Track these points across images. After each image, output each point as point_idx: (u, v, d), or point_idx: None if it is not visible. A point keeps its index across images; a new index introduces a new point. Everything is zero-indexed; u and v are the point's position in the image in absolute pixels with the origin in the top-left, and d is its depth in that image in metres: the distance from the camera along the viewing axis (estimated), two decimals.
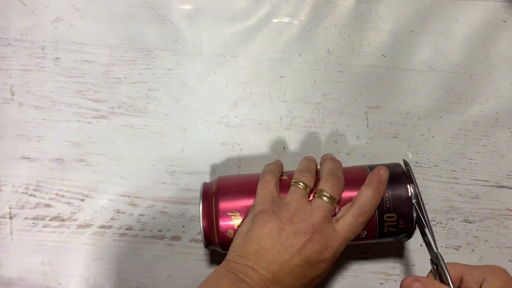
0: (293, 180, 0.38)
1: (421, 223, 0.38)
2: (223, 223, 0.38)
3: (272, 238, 0.35)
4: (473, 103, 0.47)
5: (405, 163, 0.40)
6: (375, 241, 0.39)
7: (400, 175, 0.39)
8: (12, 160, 0.47)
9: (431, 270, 0.36)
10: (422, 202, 0.38)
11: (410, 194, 0.38)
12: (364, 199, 0.37)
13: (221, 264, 0.36)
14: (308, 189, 0.37)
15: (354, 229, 0.36)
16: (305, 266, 0.35)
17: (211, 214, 0.38)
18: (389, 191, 0.38)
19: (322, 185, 0.37)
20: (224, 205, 0.38)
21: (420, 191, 0.46)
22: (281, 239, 0.35)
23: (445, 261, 0.35)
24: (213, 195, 0.39)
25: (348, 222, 0.36)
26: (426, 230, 0.37)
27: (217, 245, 0.38)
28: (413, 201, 0.38)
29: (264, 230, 0.35)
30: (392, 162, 0.40)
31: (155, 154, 0.47)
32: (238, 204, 0.38)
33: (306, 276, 0.35)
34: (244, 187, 0.39)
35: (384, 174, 0.38)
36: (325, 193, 0.36)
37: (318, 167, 0.40)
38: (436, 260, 0.35)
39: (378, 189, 0.37)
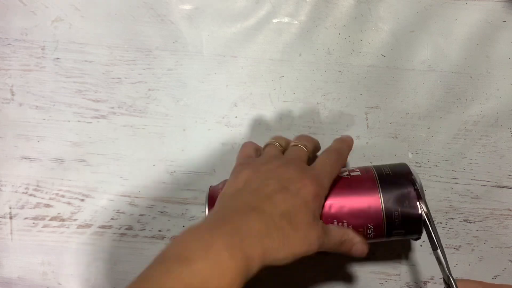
0: (267, 142, 0.40)
1: (433, 244, 0.37)
2: None
3: (248, 178, 0.35)
4: (473, 103, 0.47)
5: (414, 180, 0.38)
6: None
7: (411, 192, 0.38)
8: (12, 160, 0.47)
9: None
10: (433, 222, 0.37)
11: (421, 215, 0.37)
12: (332, 145, 0.40)
13: None
14: (282, 148, 0.39)
15: (328, 165, 0.36)
16: (284, 192, 0.33)
17: None
18: (399, 211, 0.37)
19: (295, 140, 0.39)
20: None
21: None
22: (256, 177, 0.34)
23: (459, 278, 0.34)
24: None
25: (320, 158, 0.37)
26: (438, 252, 0.36)
27: None
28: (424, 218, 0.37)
29: (240, 176, 0.35)
30: (401, 173, 0.39)
31: (155, 154, 0.47)
32: None
33: (287, 202, 0.32)
34: None
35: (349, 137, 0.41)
36: (298, 143, 0.38)
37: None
38: (448, 282, 0.35)
39: (344, 140, 0.40)
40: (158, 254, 0.29)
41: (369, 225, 0.37)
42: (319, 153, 0.41)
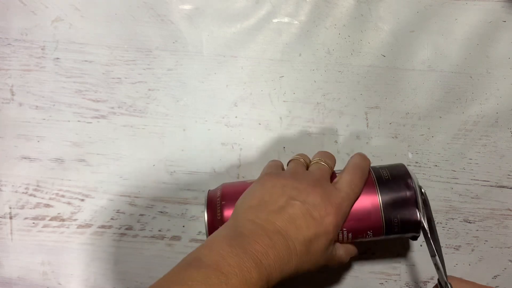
0: (292, 158, 0.40)
1: (431, 250, 0.37)
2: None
3: (274, 192, 0.35)
4: (473, 103, 0.47)
5: (420, 189, 0.38)
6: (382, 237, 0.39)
7: (410, 198, 0.38)
8: (12, 160, 0.47)
9: None
10: (435, 227, 0.38)
11: (420, 221, 0.38)
12: (353, 161, 0.39)
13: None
14: (306, 163, 0.39)
15: (353, 184, 0.37)
16: (308, 218, 0.34)
17: (216, 222, 0.38)
18: (398, 218, 0.37)
19: (316, 156, 0.40)
20: (229, 212, 0.38)
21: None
22: (283, 192, 0.35)
23: (451, 275, 0.35)
24: (218, 203, 0.38)
25: (345, 178, 0.37)
26: (436, 258, 0.37)
27: None
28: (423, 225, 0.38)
29: (266, 186, 0.35)
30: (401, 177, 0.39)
31: (155, 154, 0.47)
32: None
33: (310, 229, 0.34)
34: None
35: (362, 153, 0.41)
36: (320, 160, 0.39)
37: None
38: (444, 285, 0.35)
39: (362, 155, 0.40)
40: (193, 256, 0.31)
41: (368, 231, 0.38)
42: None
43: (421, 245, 0.46)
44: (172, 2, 0.48)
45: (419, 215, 0.37)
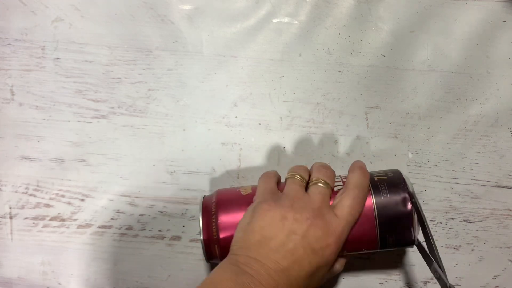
0: (289, 174, 0.39)
1: (429, 260, 0.37)
2: (223, 236, 0.37)
3: (274, 226, 0.34)
4: (473, 103, 0.47)
5: (411, 195, 0.38)
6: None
7: (407, 218, 0.37)
8: (12, 160, 0.47)
9: None
10: (432, 237, 0.38)
11: (414, 240, 0.38)
12: (355, 180, 0.37)
13: (224, 259, 0.36)
14: (304, 181, 0.38)
15: (353, 210, 0.36)
16: (310, 253, 0.34)
17: (211, 228, 0.38)
18: (394, 238, 0.38)
19: (315, 174, 0.38)
20: (224, 218, 0.38)
21: (421, 192, 0.46)
22: (283, 226, 0.34)
23: (458, 276, 0.35)
24: (213, 209, 0.38)
25: (346, 203, 0.36)
26: (435, 266, 0.37)
27: (219, 258, 0.38)
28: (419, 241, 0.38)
29: (265, 219, 0.35)
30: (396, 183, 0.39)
31: (155, 154, 0.47)
32: (239, 216, 0.37)
33: (312, 264, 0.34)
34: (244, 199, 0.39)
35: (362, 163, 0.40)
36: (319, 179, 0.37)
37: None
38: None
39: (363, 171, 0.38)
40: None
41: (363, 249, 0.38)
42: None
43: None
44: (172, 2, 0.48)
45: (413, 234, 0.37)
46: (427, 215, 0.46)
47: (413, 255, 0.46)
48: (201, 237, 0.38)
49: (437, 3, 0.48)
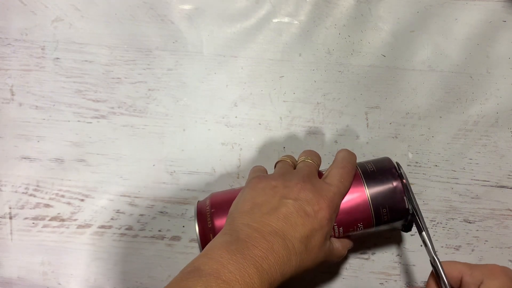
0: (278, 159, 0.41)
1: (419, 228, 0.38)
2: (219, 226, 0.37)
3: (266, 194, 0.35)
4: (473, 103, 0.47)
5: (398, 166, 0.39)
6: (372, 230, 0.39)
7: (397, 187, 0.38)
8: (12, 160, 0.47)
9: (431, 272, 0.36)
10: (417, 205, 0.38)
11: (406, 205, 0.38)
12: (341, 155, 0.39)
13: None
14: (292, 163, 0.39)
15: (342, 178, 0.37)
16: (302, 214, 0.34)
17: (207, 232, 0.38)
18: (387, 208, 0.38)
19: (301, 155, 0.40)
20: (219, 222, 0.38)
21: (421, 192, 0.46)
22: (274, 193, 0.35)
23: (446, 260, 0.35)
24: (207, 213, 0.38)
25: (335, 172, 0.37)
26: (424, 234, 0.37)
27: None
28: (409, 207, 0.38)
29: (256, 189, 0.36)
30: (383, 162, 0.40)
31: (155, 154, 0.47)
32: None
33: (306, 226, 0.34)
34: (237, 192, 0.39)
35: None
36: (307, 158, 0.39)
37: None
38: (434, 263, 0.35)
39: (349, 150, 0.40)
40: (192, 266, 0.31)
41: (359, 224, 0.38)
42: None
43: (421, 245, 0.46)
44: (172, 2, 0.48)
45: (406, 202, 0.38)
46: (427, 215, 0.46)
47: (413, 255, 0.46)
48: (199, 242, 0.38)
49: (437, 3, 0.48)
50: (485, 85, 0.47)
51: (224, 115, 0.47)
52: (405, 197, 0.38)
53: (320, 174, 0.39)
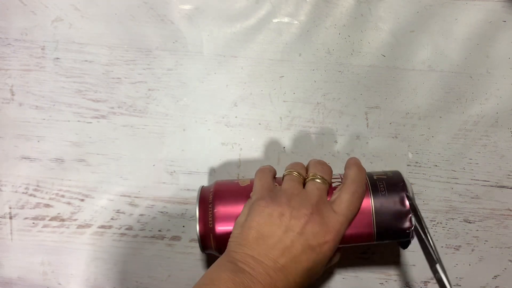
0: (286, 171, 0.39)
1: (431, 260, 0.36)
2: (219, 227, 0.37)
3: (271, 223, 0.34)
4: (473, 103, 0.47)
5: (409, 197, 0.38)
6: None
7: (404, 223, 0.37)
8: (12, 160, 0.47)
9: None
10: (431, 238, 0.37)
11: (410, 241, 0.38)
12: (352, 175, 0.37)
13: (221, 256, 0.36)
14: (301, 178, 0.38)
15: (352, 205, 0.36)
16: (307, 250, 0.34)
17: (207, 218, 0.38)
18: (391, 236, 0.38)
19: (312, 170, 0.38)
20: (220, 209, 0.38)
21: (421, 192, 0.46)
22: (280, 223, 0.34)
23: (459, 277, 0.35)
24: (210, 199, 0.39)
25: (345, 198, 0.36)
26: (437, 267, 0.35)
27: (214, 249, 0.38)
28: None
29: (262, 216, 0.35)
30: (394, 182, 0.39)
31: (155, 154, 0.47)
32: (235, 208, 0.38)
33: (310, 260, 0.34)
34: (241, 190, 0.39)
35: (357, 159, 0.40)
36: (316, 175, 0.37)
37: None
38: None
39: (359, 166, 0.38)
40: None
41: (359, 243, 0.38)
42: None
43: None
44: (172, 2, 0.48)
45: (411, 234, 0.37)
46: (427, 215, 0.46)
47: (413, 255, 0.46)
48: (197, 226, 0.38)
49: (437, 3, 0.48)
50: (485, 85, 0.47)
51: (224, 115, 0.47)
52: (409, 228, 0.37)
53: (330, 190, 0.38)
